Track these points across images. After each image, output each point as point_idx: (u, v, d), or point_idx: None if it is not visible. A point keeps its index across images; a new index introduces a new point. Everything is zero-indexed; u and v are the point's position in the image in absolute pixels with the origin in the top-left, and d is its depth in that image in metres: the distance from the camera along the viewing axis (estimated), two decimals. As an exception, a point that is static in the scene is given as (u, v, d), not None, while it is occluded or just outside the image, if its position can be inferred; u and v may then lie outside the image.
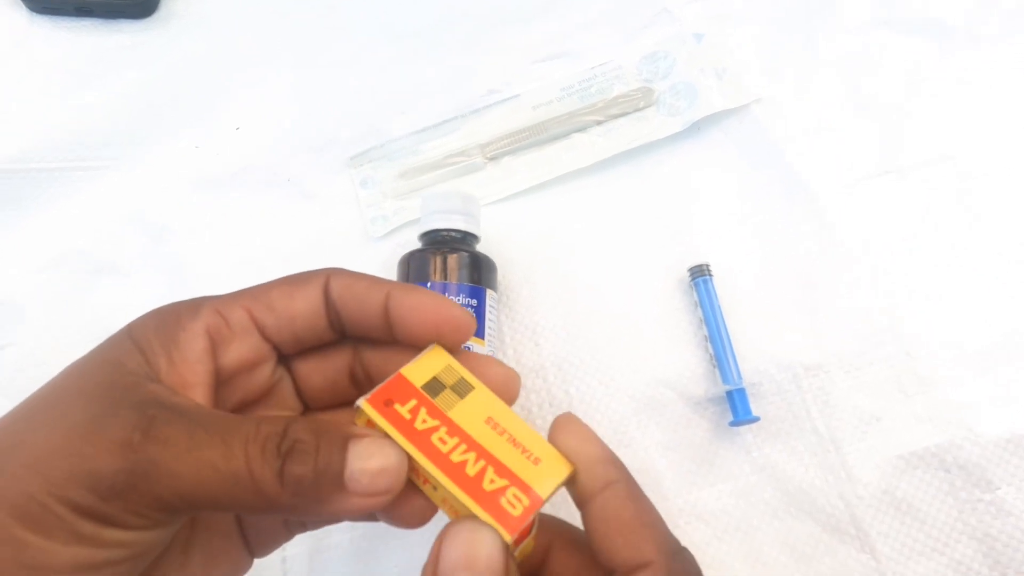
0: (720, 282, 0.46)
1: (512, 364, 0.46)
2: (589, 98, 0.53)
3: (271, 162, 0.53)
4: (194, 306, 0.27)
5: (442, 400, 0.27)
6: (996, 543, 0.39)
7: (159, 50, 0.56)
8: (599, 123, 0.52)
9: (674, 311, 0.47)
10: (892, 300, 0.45)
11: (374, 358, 0.30)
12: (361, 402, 0.26)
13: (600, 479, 0.25)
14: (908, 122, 0.50)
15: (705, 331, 0.44)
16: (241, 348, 0.27)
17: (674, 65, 0.53)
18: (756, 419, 0.42)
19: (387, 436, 0.25)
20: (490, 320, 0.43)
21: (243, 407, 0.28)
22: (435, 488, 0.26)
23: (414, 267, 0.43)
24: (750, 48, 0.53)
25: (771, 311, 0.45)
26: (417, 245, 0.45)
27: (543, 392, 0.45)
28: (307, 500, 0.23)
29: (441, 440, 0.26)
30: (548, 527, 0.28)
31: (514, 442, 0.26)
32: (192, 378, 0.25)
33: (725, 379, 0.42)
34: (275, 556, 0.43)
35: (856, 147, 0.49)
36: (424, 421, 0.26)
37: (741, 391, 0.42)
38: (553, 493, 0.25)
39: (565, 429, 0.27)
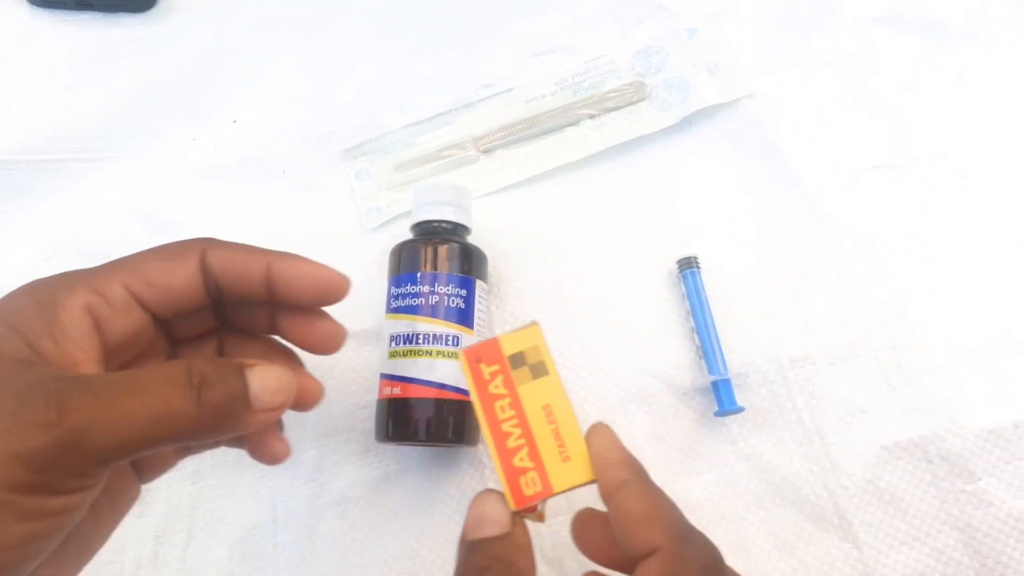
0: (710, 275, 0.46)
1: (502, 354, 0.46)
2: (582, 92, 0.54)
3: (268, 154, 0.54)
4: (67, 283, 0.28)
5: (518, 375, 0.31)
6: (977, 533, 0.39)
7: (159, 43, 0.57)
8: (592, 117, 0.53)
9: (663, 303, 0.47)
10: (880, 294, 0.45)
11: (239, 316, 0.34)
12: (460, 350, 0.33)
13: (615, 481, 0.28)
14: (904, 120, 0.50)
15: (692, 323, 0.45)
16: (124, 323, 0.29)
17: (667, 60, 0.54)
18: (741, 409, 0.42)
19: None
20: (479, 311, 0.43)
21: (124, 368, 0.31)
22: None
23: (405, 258, 0.44)
24: (744, 44, 0.53)
25: (759, 303, 0.46)
26: (409, 236, 0.46)
27: (532, 382, 0.45)
28: (223, 421, 0.27)
29: (501, 408, 0.30)
30: None
31: (556, 435, 0.30)
32: (81, 355, 0.27)
33: (711, 370, 0.43)
34: (266, 543, 0.44)
35: (850, 144, 0.49)
36: (496, 387, 0.31)
37: (726, 382, 0.43)
38: (565, 491, 0.30)
39: (591, 439, 0.30)
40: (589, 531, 0.33)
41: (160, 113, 0.55)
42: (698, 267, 0.46)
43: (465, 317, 0.42)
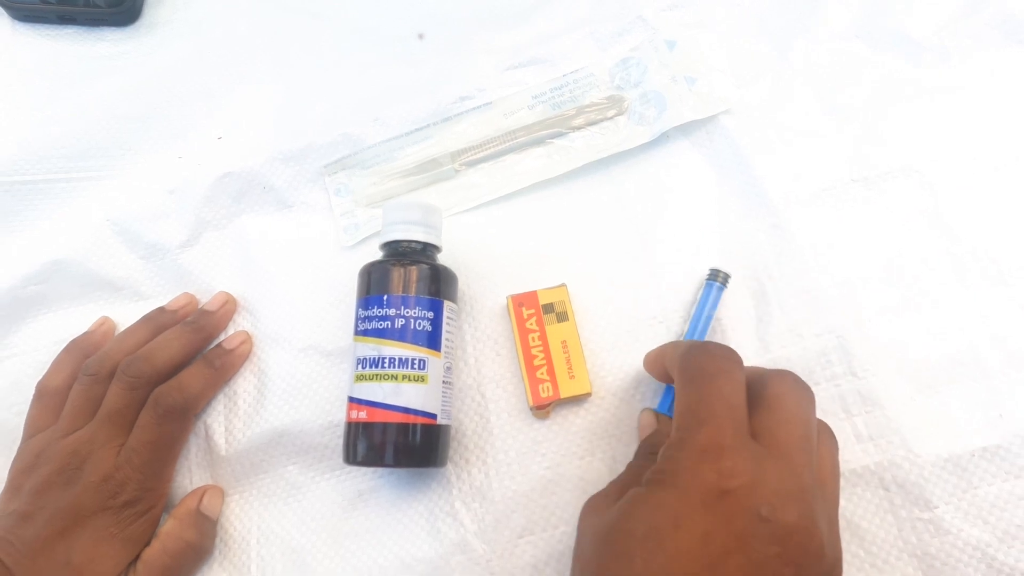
0: (676, 294, 0.47)
1: (473, 374, 0.47)
2: (561, 106, 0.54)
3: (248, 171, 0.53)
4: None
5: (547, 318, 0.46)
6: (935, 561, 0.40)
7: (142, 58, 0.57)
8: (571, 130, 0.53)
9: (638, 323, 0.47)
10: (842, 316, 0.45)
11: None
12: (508, 296, 0.47)
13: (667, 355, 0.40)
14: (876, 135, 0.50)
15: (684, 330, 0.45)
16: None
17: (646, 72, 0.53)
18: None
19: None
20: (448, 332, 0.44)
21: None
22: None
23: (374, 279, 0.44)
24: (722, 57, 0.53)
25: (727, 325, 0.46)
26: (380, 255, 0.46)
27: (502, 402, 0.46)
28: None
29: (532, 339, 0.45)
30: None
31: (568, 361, 0.45)
32: None
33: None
34: (250, 556, 0.45)
35: (821, 160, 0.50)
36: (531, 324, 0.46)
37: None
38: (568, 397, 0.44)
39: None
40: (651, 363, 0.42)
41: (143, 130, 0.55)
42: (726, 285, 0.46)
43: (432, 340, 0.43)
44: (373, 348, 0.42)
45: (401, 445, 0.41)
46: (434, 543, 0.44)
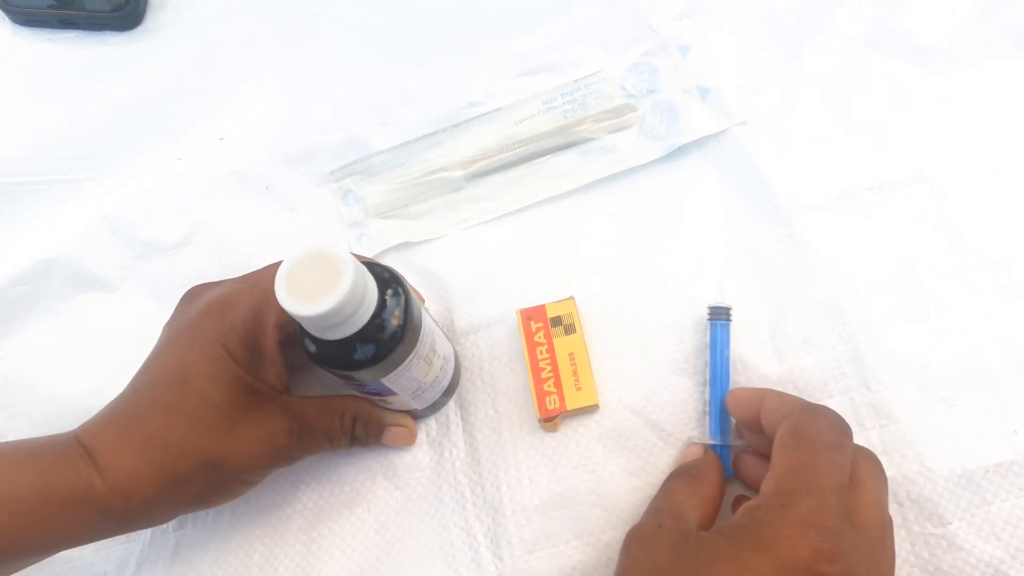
0: (684, 302, 0.47)
1: (488, 390, 0.47)
2: (572, 113, 0.53)
3: (250, 172, 0.53)
4: (267, 295, 0.38)
5: (555, 331, 0.45)
6: (946, 576, 0.40)
7: (144, 62, 0.57)
8: (582, 142, 0.52)
9: (646, 333, 0.47)
10: (856, 327, 0.45)
11: None
12: (517, 311, 0.46)
13: (759, 396, 0.40)
14: (888, 143, 0.50)
15: (707, 375, 0.45)
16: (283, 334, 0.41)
17: (658, 79, 0.53)
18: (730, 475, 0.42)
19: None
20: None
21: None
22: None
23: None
24: (734, 66, 0.53)
25: (739, 338, 0.46)
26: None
27: (514, 416, 0.46)
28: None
29: (540, 352, 0.45)
30: None
31: (575, 373, 0.44)
32: (276, 382, 0.40)
33: (713, 433, 0.43)
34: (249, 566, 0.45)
35: (832, 168, 0.49)
36: (539, 337, 0.45)
37: (726, 448, 0.43)
38: (575, 410, 0.44)
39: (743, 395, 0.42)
40: (739, 402, 0.41)
41: (144, 132, 0.55)
42: (729, 319, 0.45)
43: None
44: None
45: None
46: (447, 557, 0.44)
